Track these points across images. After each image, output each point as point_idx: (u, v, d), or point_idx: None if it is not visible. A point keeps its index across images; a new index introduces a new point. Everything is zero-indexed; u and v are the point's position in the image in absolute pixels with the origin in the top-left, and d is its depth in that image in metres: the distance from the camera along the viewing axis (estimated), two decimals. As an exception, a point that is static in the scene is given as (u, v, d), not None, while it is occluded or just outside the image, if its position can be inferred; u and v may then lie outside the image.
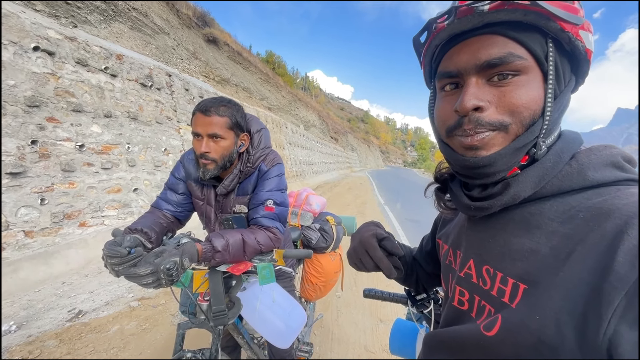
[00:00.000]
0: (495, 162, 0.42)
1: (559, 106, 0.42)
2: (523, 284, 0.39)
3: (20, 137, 3.22)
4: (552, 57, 0.40)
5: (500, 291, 0.42)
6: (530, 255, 0.40)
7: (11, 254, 3.00)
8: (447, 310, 0.55)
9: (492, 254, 0.45)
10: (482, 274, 0.46)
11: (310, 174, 16.09)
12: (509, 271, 0.42)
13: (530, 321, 0.36)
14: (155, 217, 1.12)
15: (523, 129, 0.41)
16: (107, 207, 4.15)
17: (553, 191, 0.41)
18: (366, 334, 2.52)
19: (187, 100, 6.67)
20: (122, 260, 0.75)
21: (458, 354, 0.48)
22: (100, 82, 4.41)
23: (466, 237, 0.52)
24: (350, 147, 43.59)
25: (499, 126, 0.41)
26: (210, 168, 1.06)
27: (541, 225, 0.40)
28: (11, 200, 3.07)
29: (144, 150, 5.02)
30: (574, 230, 0.37)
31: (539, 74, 0.40)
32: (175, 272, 0.76)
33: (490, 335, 0.41)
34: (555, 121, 0.42)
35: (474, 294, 0.48)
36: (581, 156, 0.41)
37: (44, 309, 2.61)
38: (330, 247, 1.74)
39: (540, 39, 0.40)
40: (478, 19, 0.40)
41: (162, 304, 2.74)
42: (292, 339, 1.13)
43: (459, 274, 0.52)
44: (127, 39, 7.02)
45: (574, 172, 0.40)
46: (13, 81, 3.24)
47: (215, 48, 11.39)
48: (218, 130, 1.04)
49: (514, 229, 0.43)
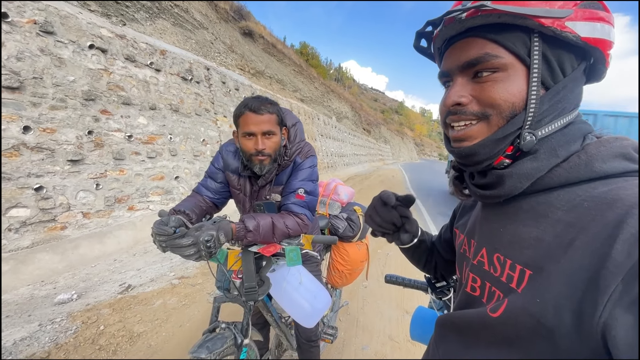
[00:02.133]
0: (478, 151, 0.46)
1: (554, 98, 0.43)
2: (529, 269, 0.41)
3: (78, 128, 3.58)
4: (536, 52, 0.42)
5: (509, 277, 0.44)
6: (536, 242, 0.42)
7: (72, 232, 3.38)
8: (460, 296, 0.58)
9: (502, 242, 0.48)
10: (493, 261, 0.49)
11: (341, 166, 16.09)
12: (517, 258, 0.44)
13: (531, 304, 0.39)
14: (196, 201, 1.24)
15: (503, 121, 0.44)
16: (152, 193, 4.50)
17: (561, 182, 0.42)
18: (391, 324, 2.54)
19: (224, 92, 6.94)
20: (168, 237, 0.85)
21: (465, 334, 0.52)
22: (146, 76, 4.73)
23: (480, 227, 0.55)
24: (383, 139, 42.78)
25: (481, 116, 0.45)
26: (266, 163, 1.15)
27: (548, 214, 0.42)
28: (71, 185, 3.43)
29: (184, 140, 5.34)
30: (577, 218, 0.38)
31: (523, 69, 0.43)
32: (212, 245, 0.86)
33: (494, 316, 0.44)
34: (546, 113, 0.43)
35: (485, 281, 0.50)
36: (591, 148, 0.42)
37: (99, 281, 2.93)
38: (357, 237, 1.78)
39: (522, 37, 0.42)
40: (459, 25, 0.45)
41: (200, 283, 2.95)
42: (316, 319, 1.20)
43: (472, 262, 0.55)
44: (170, 35, 7.40)
45: (582, 163, 0.41)
46: (72, 77, 3.59)
47: (251, 41, 11.64)
48: (271, 127, 1.11)
49: (523, 219, 0.45)
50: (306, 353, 1.51)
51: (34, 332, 2.07)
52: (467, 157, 0.47)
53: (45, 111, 3.26)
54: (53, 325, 2.15)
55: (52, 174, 3.25)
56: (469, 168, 0.50)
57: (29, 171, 3.03)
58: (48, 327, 2.13)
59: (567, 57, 0.43)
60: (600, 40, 0.41)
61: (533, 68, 0.42)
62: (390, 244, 0.85)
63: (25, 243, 2.93)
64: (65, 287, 2.77)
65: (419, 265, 0.87)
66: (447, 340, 0.57)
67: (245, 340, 1.09)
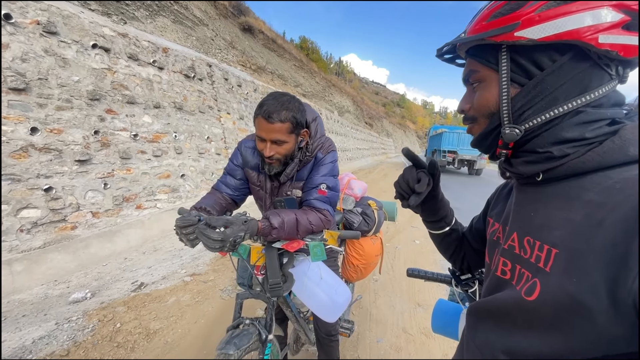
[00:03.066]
0: (479, 143, 0.57)
1: (530, 93, 0.49)
2: (555, 248, 0.43)
3: (85, 128, 3.58)
4: (504, 60, 0.50)
5: (537, 257, 0.47)
6: (566, 223, 0.43)
7: (82, 232, 3.40)
8: (489, 280, 0.60)
9: (533, 226, 0.50)
10: (523, 244, 0.51)
11: (344, 161, 16.06)
12: (545, 239, 0.46)
13: (568, 284, 0.40)
14: (215, 198, 1.23)
15: (486, 121, 0.54)
16: (159, 191, 4.51)
17: (594, 166, 0.43)
18: (404, 317, 2.55)
19: (227, 89, 6.91)
20: (194, 228, 0.86)
21: (502, 320, 0.52)
22: (150, 75, 4.71)
23: (513, 214, 0.57)
24: (385, 132, 42.61)
25: (473, 119, 0.57)
26: (274, 166, 1.15)
27: (579, 196, 0.44)
28: (80, 185, 3.44)
29: (189, 138, 5.34)
30: (608, 198, 0.39)
31: (497, 77, 0.51)
32: (238, 244, 0.88)
33: (531, 299, 0.45)
34: (525, 107, 0.49)
35: (515, 264, 0.52)
36: (625, 132, 0.43)
37: (111, 280, 2.95)
38: (372, 231, 1.78)
39: (493, 52, 0.51)
40: (461, 50, 0.58)
41: (212, 280, 2.97)
42: (338, 313, 1.20)
43: (503, 247, 0.57)
44: (171, 32, 7.36)
45: (615, 147, 0.42)
46: (77, 77, 3.58)
47: (251, 36, 11.57)
48: (280, 136, 1.08)
49: (556, 202, 0.47)
50: (326, 347, 1.52)
51: (51, 330, 2.09)
52: (477, 146, 0.59)
53: (52, 112, 3.26)
54: (70, 324, 2.17)
55: (60, 175, 3.26)
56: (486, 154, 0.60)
57: (38, 172, 3.04)
58: (65, 325, 2.15)
59: (542, 55, 0.47)
60: (566, 33, 0.43)
61: (501, 74, 0.50)
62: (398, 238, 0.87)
63: (37, 243, 2.95)
64: (79, 286, 2.79)
65: (446, 254, 0.88)
66: (482, 328, 0.58)
67: (269, 336, 1.09)
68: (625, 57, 0.43)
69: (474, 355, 0.58)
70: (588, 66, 0.45)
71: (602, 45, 0.42)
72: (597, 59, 0.45)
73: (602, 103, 0.46)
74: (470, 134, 0.59)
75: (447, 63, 0.65)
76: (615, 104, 0.47)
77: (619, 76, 0.47)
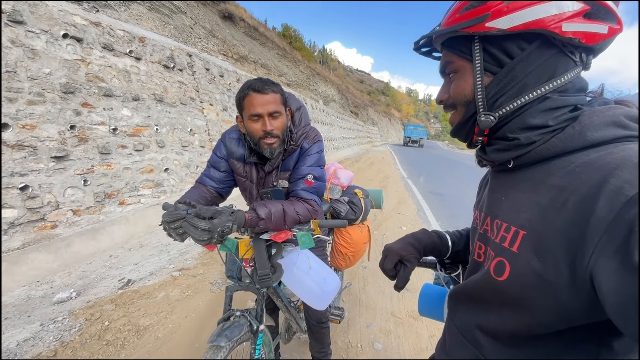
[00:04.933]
0: (457, 132, 0.60)
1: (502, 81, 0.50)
2: (523, 230, 0.47)
3: (60, 123, 3.43)
4: (477, 50, 0.51)
5: (503, 238, 0.50)
6: (533, 206, 0.47)
7: (63, 231, 3.30)
8: (469, 265, 0.65)
9: (503, 209, 0.54)
10: (492, 227, 0.55)
11: (331, 150, 16.05)
12: (513, 221, 0.49)
13: (535, 263, 0.43)
14: (200, 192, 1.21)
15: (463, 109, 0.56)
16: (142, 186, 4.40)
17: (557, 152, 0.47)
18: (392, 301, 2.62)
19: (208, 80, 6.73)
20: (183, 220, 0.85)
21: (477, 301, 0.57)
22: (127, 65, 4.53)
23: (487, 199, 0.61)
24: (370, 121, 42.67)
25: (453, 107, 0.58)
26: (276, 147, 1.12)
27: (545, 181, 0.47)
28: (58, 182, 3.32)
29: (171, 131, 5.20)
30: (570, 182, 0.42)
31: (471, 67, 0.53)
32: (226, 235, 0.88)
33: (501, 279, 0.49)
34: (498, 94, 0.51)
35: (487, 246, 0.56)
36: (584, 118, 0.45)
37: (96, 278, 2.89)
38: (359, 219, 1.80)
39: (466, 43, 0.53)
40: (437, 42, 0.59)
41: (201, 274, 2.95)
42: (328, 301, 1.22)
43: (479, 231, 0.61)
44: (147, 21, 7.07)
45: (575, 133, 0.45)
46: (48, 69, 3.40)
47: (232, 24, 11.24)
48: (276, 107, 1.08)
49: (524, 187, 0.51)
50: (317, 334, 1.55)
51: (36, 332, 2.04)
52: (455, 136, 0.61)
53: (23, 107, 3.10)
54: (56, 324, 2.13)
55: (36, 172, 3.13)
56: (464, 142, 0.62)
57: (12, 170, 2.91)
58: (50, 326, 2.11)
59: (512, 44, 0.49)
60: (532, 22, 0.45)
61: (475, 63, 0.52)
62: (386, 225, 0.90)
63: (15, 244, 2.84)
64: (63, 286, 2.73)
65: None
66: (461, 310, 0.62)
67: (260, 327, 1.10)
68: (587, 44, 0.46)
69: (455, 336, 0.62)
70: (554, 53, 0.48)
71: (565, 33, 0.45)
72: (562, 46, 0.47)
73: (567, 89, 0.49)
74: (450, 124, 0.61)
75: (424, 56, 0.67)
76: (579, 90, 0.50)
77: (582, 63, 0.49)
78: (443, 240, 0.84)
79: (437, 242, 0.83)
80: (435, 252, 0.83)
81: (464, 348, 0.58)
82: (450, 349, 0.63)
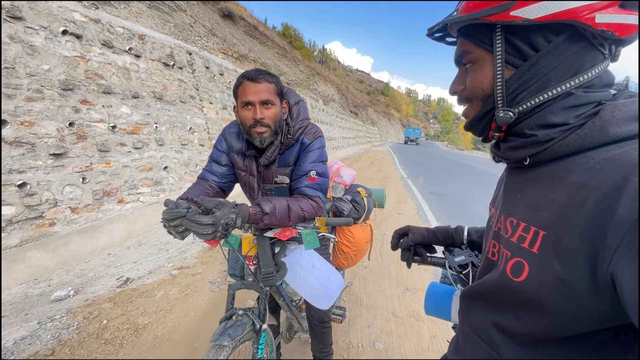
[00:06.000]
0: (472, 127, 0.57)
1: (524, 75, 0.47)
2: (543, 230, 0.44)
3: (58, 120, 3.40)
4: (499, 41, 0.48)
5: (521, 238, 0.48)
6: (551, 205, 0.44)
7: (61, 228, 3.27)
8: (482, 263, 0.63)
9: (518, 207, 0.52)
10: (506, 225, 0.53)
11: (330, 150, 16.04)
12: (532, 220, 0.47)
13: (555, 264, 0.41)
14: (202, 188, 1.19)
15: (481, 103, 0.53)
16: (141, 184, 4.37)
17: (576, 148, 0.44)
18: (393, 301, 2.60)
19: (208, 78, 6.71)
20: (184, 218, 0.83)
21: (493, 300, 0.54)
22: (126, 63, 4.50)
23: (503, 197, 0.59)
24: (370, 120, 42.71)
25: (468, 100, 0.55)
26: (266, 136, 1.11)
27: (563, 178, 0.44)
28: (56, 179, 3.29)
29: (170, 129, 5.17)
30: (589, 179, 0.40)
31: (491, 58, 0.50)
32: (230, 228, 0.86)
33: (519, 280, 0.47)
34: (519, 89, 0.48)
35: (500, 245, 0.55)
36: (605, 113, 0.43)
37: (95, 276, 2.87)
38: (362, 218, 1.79)
39: (487, 32, 0.49)
40: (452, 29, 0.55)
41: (200, 273, 2.93)
42: (332, 300, 1.20)
43: (493, 229, 0.59)
44: (147, 18, 7.04)
45: (595, 129, 0.42)
46: (47, 65, 3.37)
47: (232, 23, 11.22)
48: (269, 96, 1.08)
49: (541, 184, 0.48)
50: (319, 334, 1.53)
51: (34, 330, 2.02)
52: (470, 130, 0.57)
53: (22, 103, 3.07)
54: (53, 323, 2.10)
55: (34, 169, 3.10)
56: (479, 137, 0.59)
57: (10, 167, 2.88)
58: (48, 324, 2.08)
59: (537, 35, 0.46)
60: (563, 12, 0.42)
61: (496, 55, 0.48)
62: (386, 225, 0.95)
63: (13, 242, 2.82)
64: (60, 284, 2.70)
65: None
66: (475, 310, 0.60)
67: (263, 326, 1.09)
68: (620, 37, 0.43)
69: (468, 336, 0.60)
70: (583, 46, 0.44)
71: (599, 25, 0.41)
72: (592, 38, 0.44)
73: (594, 84, 0.46)
74: (464, 118, 0.59)
75: (437, 42, 0.63)
76: (605, 85, 0.47)
77: (611, 55, 0.46)
78: (458, 230, 0.89)
79: (451, 229, 0.89)
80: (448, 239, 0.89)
81: (478, 347, 0.56)
82: (463, 348, 0.61)
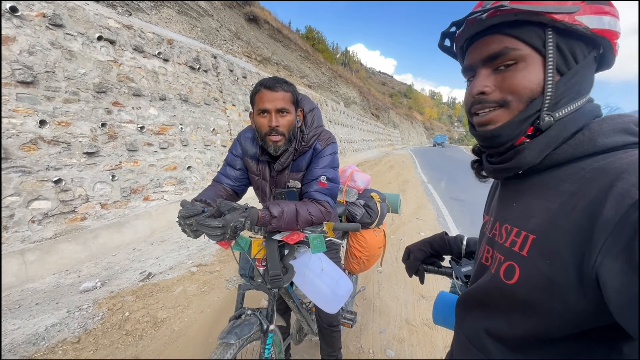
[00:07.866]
0: (502, 133, 0.51)
1: (569, 82, 0.48)
2: (533, 234, 0.47)
3: (92, 120, 3.62)
4: (550, 43, 0.46)
5: (513, 242, 0.51)
6: (543, 211, 0.47)
7: (92, 223, 3.47)
8: (476, 268, 0.65)
9: (513, 214, 0.54)
10: (501, 231, 0.55)
11: (350, 152, 15.99)
12: (524, 226, 0.49)
13: (543, 265, 0.44)
14: (216, 190, 1.24)
15: (523, 105, 0.49)
16: (166, 183, 4.56)
17: (567, 157, 0.47)
18: (407, 308, 2.56)
19: (232, 81, 6.89)
20: (197, 218, 0.87)
21: (486, 305, 0.57)
22: (155, 66, 4.72)
23: (497, 205, 0.60)
24: (392, 123, 42.22)
25: (502, 103, 0.50)
26: (280, 144, 1.14)
27: (555, 186, 0.47)
28: (89, 177, 3.50)
29: (194, 130, 5.36)
30: (580, 187, 0.43)
31: (539, 58, 0.48)
32: (239, 231, 0.89)
33: (511, 283, 0.49)
34: (561, 96, 0.48)
35: (494, 250, 0.56)
36: (594, 125, 0.46)
37: (120, 270, 3.02)
38: (375, 223, 1.78)
39: (537, 30, 0.47)
40: (480, 24, 0.50)
41: (217, 271, 3.02)
42: (339, 305, 1.21)
43: (487, 235, 0.61)
44: (175, 24, 7.34)
45: (585, 139, 0.46)
46: (83, 70, 3.60)
47: (256, 27, 11.47)
48: (285, 104, 1.11)
49: (534, 192, 0.51)
50: (328, 337, 1.54)
51: (63, 318, 2.16)
52: (491, 139, 0.53)
53: (60, 105, 3.30)
54: (81, 312, 2.24)
55: (69, 167, 3.31)
56: (492, 150, 0.56)
57: (47, 164, 3.10)
58: (76, 313, 2.22)
59: (579, 46, 0.47)
60: (607, 31, 0.45)
61: (548, 57, 0.47)
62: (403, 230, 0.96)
63: (48, 234, 3.02)
64: (89, 276, 2.87)
65: None
66: (469, 317, 0.62)
67: (270, 326, 1.11)
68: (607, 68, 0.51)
69: (462, 344, 0.62)
70: (595, 68, 0.49)
71: (616, 51, 0.48)
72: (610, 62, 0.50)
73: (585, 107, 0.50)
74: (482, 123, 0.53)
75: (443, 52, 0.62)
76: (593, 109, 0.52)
77: None
78: (456, 239, 0.89)
79: (449, 239, 0.89)
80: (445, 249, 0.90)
81: (471, 354, 0.58)
82: (456, 355, 0.64)
